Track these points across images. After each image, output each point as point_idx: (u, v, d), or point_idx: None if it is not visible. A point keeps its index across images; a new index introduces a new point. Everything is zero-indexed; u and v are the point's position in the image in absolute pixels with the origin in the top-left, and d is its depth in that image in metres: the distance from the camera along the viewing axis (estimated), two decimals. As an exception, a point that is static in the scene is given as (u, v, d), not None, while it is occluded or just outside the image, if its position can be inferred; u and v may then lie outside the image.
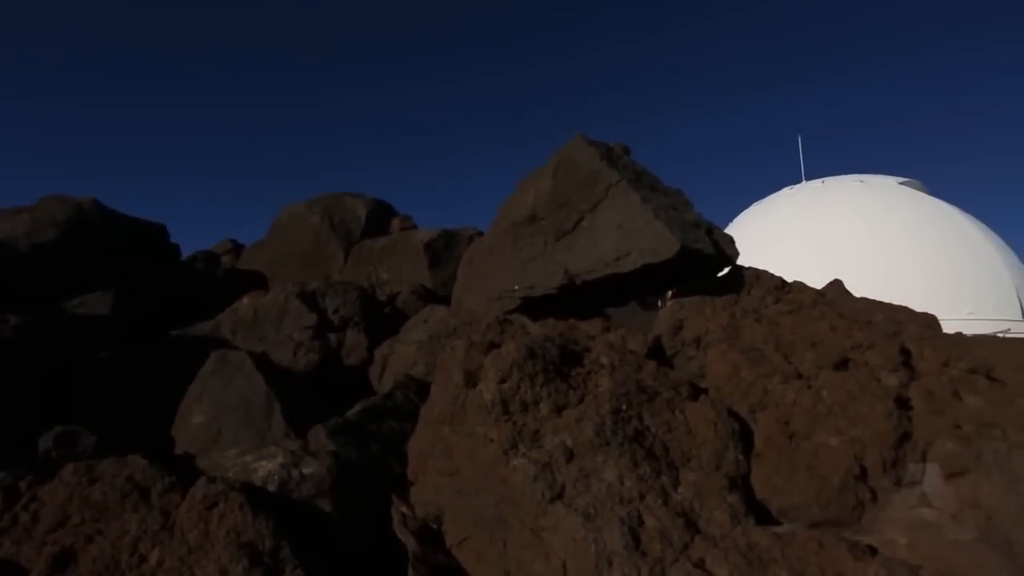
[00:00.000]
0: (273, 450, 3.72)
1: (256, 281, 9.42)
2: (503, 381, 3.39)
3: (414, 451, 4.05)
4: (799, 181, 28.71)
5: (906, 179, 26.58)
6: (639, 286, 5.02)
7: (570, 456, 3.17)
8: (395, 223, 9.75)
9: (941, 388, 4.34)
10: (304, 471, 3.63)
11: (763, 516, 3.32)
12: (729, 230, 29.25)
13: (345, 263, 9.50)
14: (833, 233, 22.50)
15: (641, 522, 2.94)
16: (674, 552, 2.82)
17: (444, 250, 8.53)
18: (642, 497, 3.04)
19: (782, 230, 24.22)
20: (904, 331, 5.13)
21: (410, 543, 3.66)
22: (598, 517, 2.91)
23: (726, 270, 5.21)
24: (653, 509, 3.00)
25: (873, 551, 3.05)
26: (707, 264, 4.95)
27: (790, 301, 4.88)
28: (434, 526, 3.75)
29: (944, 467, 3.51)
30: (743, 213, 28.85)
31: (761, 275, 5.12)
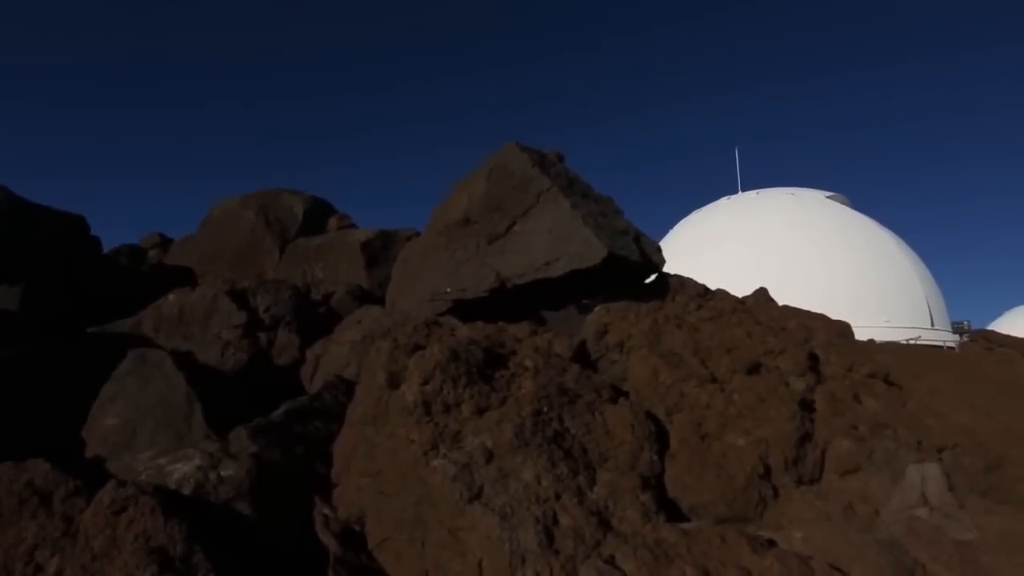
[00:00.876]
0: (190, 452, 3.63)
1: (184, 277, 9.09)
2: (426, 383, 3.42)
3: (339, 452, 4.03)
4: (736, 191, 29.89)
5: (832, 193, 28.06)
6: (568, 291, 5.14)
7: (490, 457, 3.23)
8: (332, 222, 9.61)
9: (843, 391, 4.64)
10: (222, 473, 3.56)
11: (674, 513, 3.47)
12: (669, 236, 30.18)
13: (280, 261, 9.29)
14: (764, 243, 23.53)
15: (556, 521, 3.02)
16: (586, 549, 2.92)
17: (382, 250, 8.47)
18: (558, 497, 3.13)
19: (718, 238, 25.16)
20: (814, 338, 5.44)
21: (332, 545, 3.64)
22: (514, 516, 2.98)
23: (652, 277, 5.40)
24: (568, 508, 3.10)
25: (772, 544, 3.24)
26: (634, 271, 5.12)
27: (711, 308, 5.10)
28: (357, 528, 3.73)
29: (839, 465, 3.77)
30: (683, 220, 29.81)
31: (685, 282, 5.34)
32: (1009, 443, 4.83)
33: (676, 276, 5.44)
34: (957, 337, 23.54)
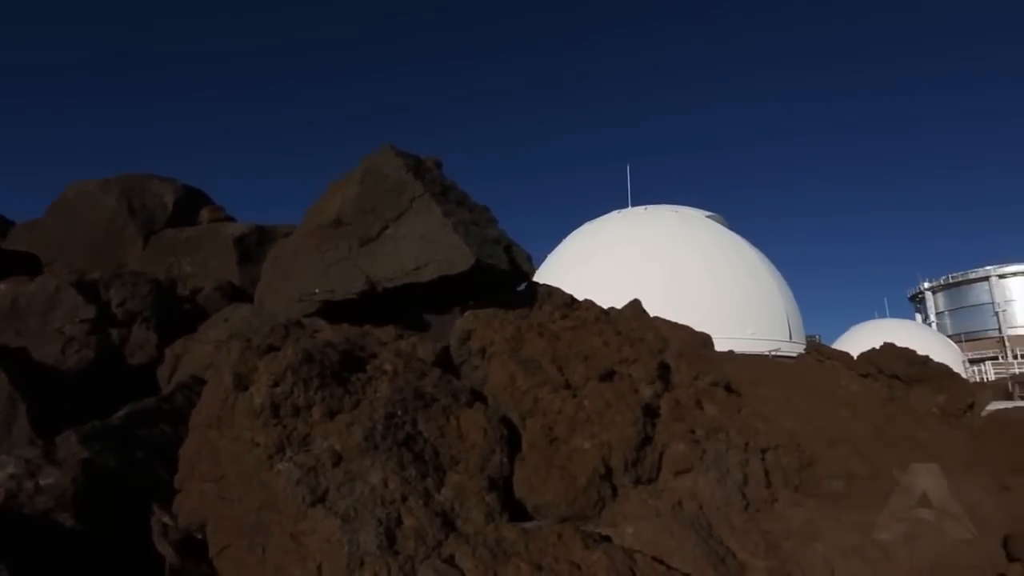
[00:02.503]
0: (3, 459, 3.32)
1: (27, 265, 8.22)
2: (276, 385, 3.36)
3: (183, 457, 3.84)
4: (626, 206, 31.39)
5: (711, 213, 30.21)
6: (438, 297, 5.21)
7: (338, 460, 3.23)
8: (204, 213, 9.07)
9: (687, 398, 5.05)
10: (41, 482, 3.29)
11: (520, 514, 3.64)
12: (562, 246, 31.07)
13: (143, 253, 8.65)
14: (650, 256, 24.88)
15: (400, 522, 3.07)
16: (426, 550, 2.99)
17: (257, 246, 8.12)
18: (404, 499, 3.18)
19: (607, 250, 26.31)
20: (669, 348, 5.88)
21: (169, 555, 3.47)
22: (357, 519, 3.00)
23: (523, 286, 5.60)
24: (414, 510, 3.16)
25: (606, 540, 3.48)
26: (503, 279, 5.29)
27: (575, 318, 5.37)
28: (199, 536, 3.58)
29: (674, 466, 4.11)
30: (576, 231, 30.90)
31: (553, 292, 5.58)
32: (822, 444, 5.47)
33: (545, 286, 5.67)
34: (810, 349, 26.01)
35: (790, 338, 26.65)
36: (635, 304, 9.30)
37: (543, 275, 28.85)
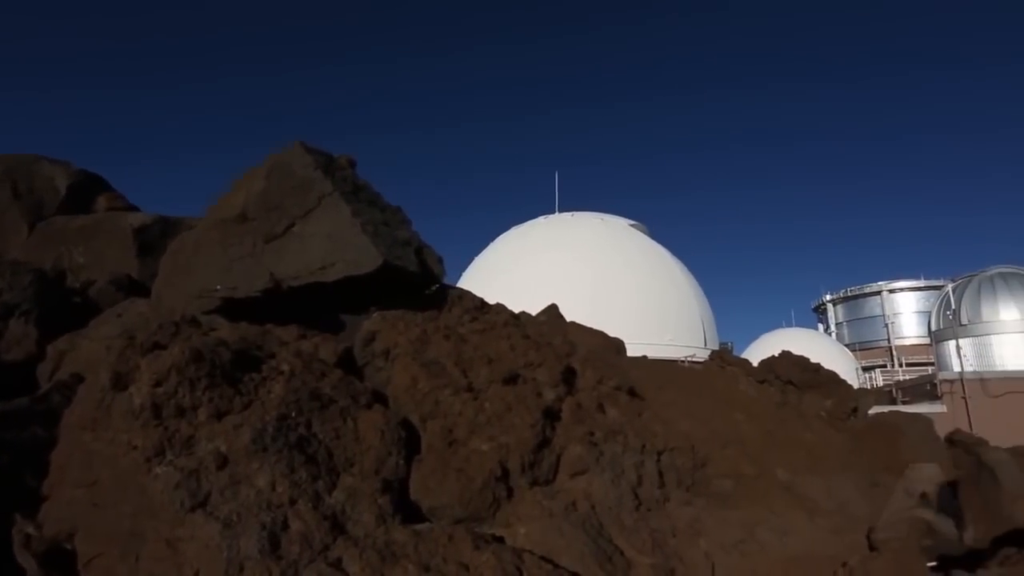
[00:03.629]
0: None
1: None
2: (158, 384, 3.21)
3: (55, 462, 3.60)
4: (554, 211, 31.92)
5: (635, 222, 31.23)
6: (346, 297, 5.13)
7: (223, 462, 3.12)
8: (101, 201, 8.52)
9: (589, 401, 5.21)
10: None
11: (415, 516, 3.64)
12: (489, 249, 31.18)
13: (29, 241, 8.02)
14: (573, 262, 25.42)
15: (286, 526, 3.01)
16: (312, 553, 2.94)
17: (160, 238, 7.68)
18: (292, 502, 3.12)
19: (533, 254, 26.68)
20: (576, 353, 6.03)
21: (31, 567, 3.24)
22: (239, 524, 2.91)
23: (434, 288, 5.60)
24: (302, 513, 3.10)
25: (498, 540, 3.54)
26: (413, 281, 5.27)
27: (485, 321, 5.42)
28: (67, 546, 3.37)
29: (571, 467, 4.23)
30: (503, 235, 31.15)
31: (464, 295, 5.61)
32: (716, 446, 5.77)
33: (456, 289, 5.69)
34: (722, 356, 27.32)
35: (705, 344, 27.88)
36: (552, 309, 9.47)
37: (469, 278, 28.95)
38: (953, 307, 23.04)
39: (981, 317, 22.27)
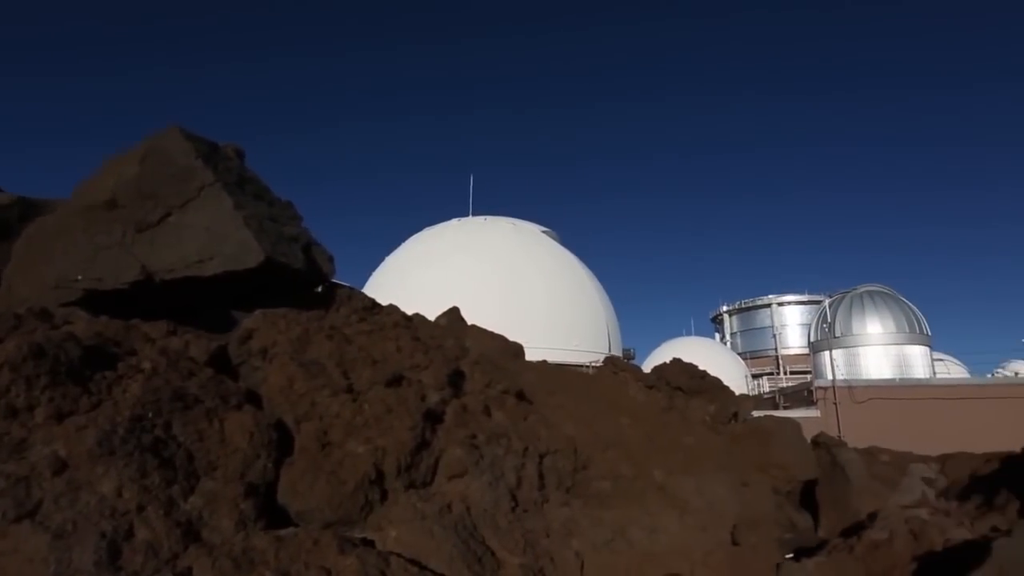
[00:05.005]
0: None
1: None
2: (-12, 383, 2.93)
3: None
4: (467, 215, 31.92)
5: (546, 229, 31.81)
6: (226, 293, 4.91)
7: (61, 468, 2.89)
8: (-46, 179, 7.65)
9: (476, 404, 5.25)
10: None
11: (283, 521, 3.52)
12: (400, 250, 30.73)
13: None
14: (482, 266, 25.53)
15: (130, 535, 2.83)
16: (158, 563, 2.78)
17: (17, 221, 7.01)
18: (141, 509, 2.94)
19: (443, 257, 26.57)
20: (467, 356, 6.07)
21: None
22: (74, 534, 2.70)
23: (322, 287, 5.46)
24: (151, 521, 2.92)
25: (368, 544, 3.49)
26: (299, 279, 5.12)
27: (373, 322, 5.35)
28: None
29: (449, 470, 4.24)
30: (415, 236, 30.81)
31: (354, 295, 5.50)
32: (598, 448, 5.98)
33: (346, 288, 5.58)
34: (626, 362, 28.37)
35: (609, 350, 28.78)
36: (453, 312, 9.47)
37: (379, 278, 28.42)
38: (829, 320, 25.18)
39: (851, 330, 24.49)
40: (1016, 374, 27.69)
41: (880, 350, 24.09)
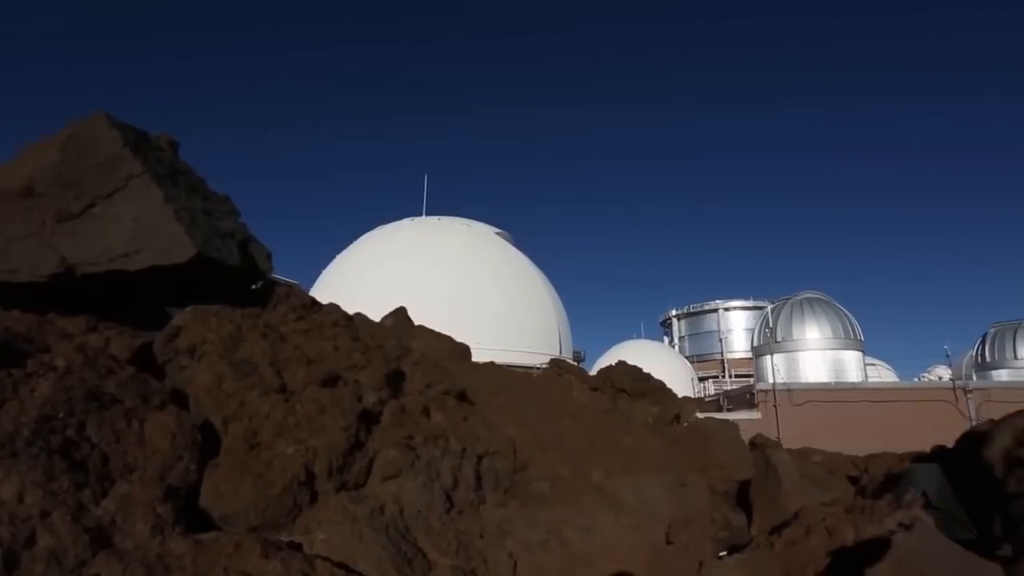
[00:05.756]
0: None
1: None
2: None
3: None
4: (421, 214, 31.67)
5: (500, 230, 31.87)
6: (154, 288, 4.71)
7: (-43, 472, 2.72)
8: None
9: (415, 405, 5.20)
10: None
11: (205, 524, 3.41)
12: (352, 248, 30.24)
13: None
14: (435, 265, 25.39)
15: (31, 543, 2.68)
16: (62, 571, 2.65)
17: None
18: (45, 515, 2.79)
19: (396, 256, 26.28)
20: (408, 356, 6.01)
21: None
22: (-32, 541, 2.54)
23: (259, 284, 5.31)
24: (56, 527, 2.78)
25: (295, 547, 3.41)
26: (234, 275, 4.97)
27: (311, 321, 5.23)
28: None
29: (383, 471, 4.19)
30: (367, 234, 30.38)
31: (292, 293, 5.38)
32: (538, 449, 6.01)
33: (285, 286, 5.45)
34: (575, 363, 28.70)
35: (560, 352, 29.03)
36: (400, 312, 9.37)
37: (330, 276, 27.93)
38: (771, 326, 26.09)
39: (791, 335, 25.46)
40: (940, 378, 29.31)
41: (817, 355, 25.10)
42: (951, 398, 21.08)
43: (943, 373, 31.29)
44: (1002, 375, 25.92)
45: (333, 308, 5.67)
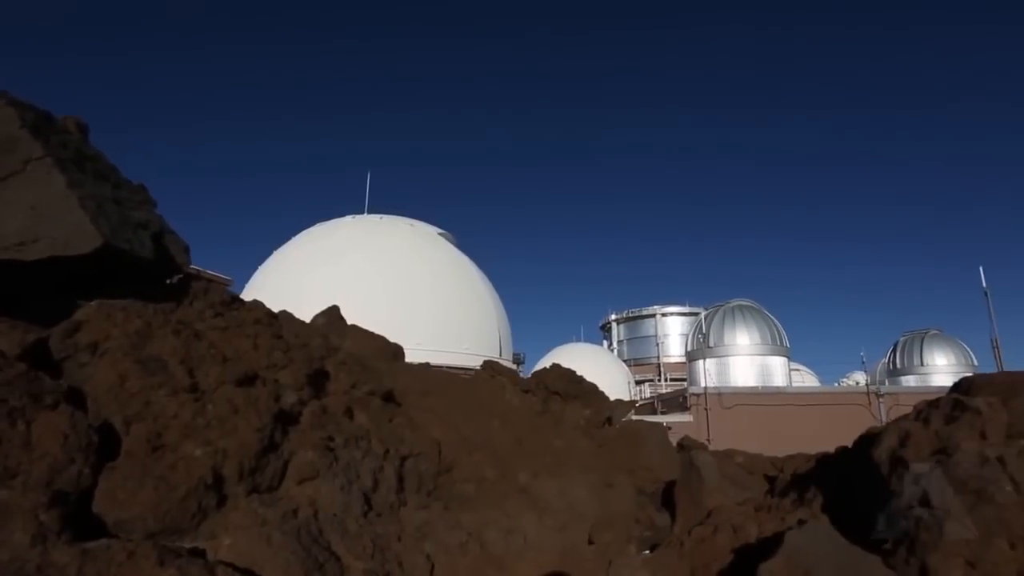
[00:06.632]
0: None
1: None
2: None
3: None
4: (363, 212, 31.05)
5: (443, 231, 31.62)
6: (57, 281, 4.43)
7: None
8: None
9: (337, 406, 5.09)
10: None
11: (97, 531, 3.22)
12: (290, 245, 29.35)
13: None
14: (375, 264, 24.95)
15: None
16: (-74, 584, 2.44)
17: None
18: (-90, 522, 2.56)
19: (335, 254, 25.68)
20: (334, 356, 5.88)
21: None
22: None
23: (175, 279, 5.08)
24: (-78, 535, 2.56)
25: (198, 554, 3.27)
26: (148, 269, 4.73)
27: (231, 318, 5.04)
28: None
29: (299, 473, 4.07)
30: (306, 231, 29.56)
31: (211, 289, 5.16)
32: (464, 451, 5.99)
33: (203, 282, 5.22)
34: (514, 365, 28.82)
35: (500, 355, 29.07)
36: (332, 310, 9.16)
37: (265, 273, 27.00)
38: (704, 332, 26.99)
39: (723, 341, 26.42)
40: (857, 383, 31.05)
41: (747, 360, 26.12)
42: (865, 402, 22.34)
43: (860, 379, 33.15)
44: (910, 380, 27.68)
45: (256, 305, 5.47)
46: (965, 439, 2.77)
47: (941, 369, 27.30)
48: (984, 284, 22.80)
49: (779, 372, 26.77)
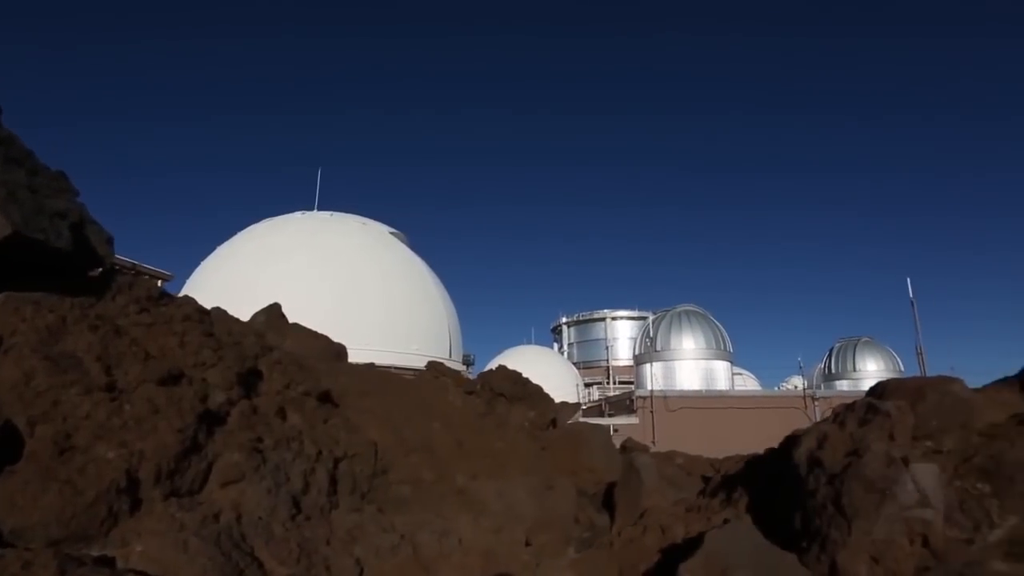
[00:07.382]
0: None
1: None
2: None
3: None
4: (312, 208, 30.35)
5: (395, 230, 31.23)
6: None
7: None
8: None
9: (269, 406, 4.94)
10: None
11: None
12: (233, 241, 28.41)
13: None
14: (323, 262, 24.43)
15: None
16: None
17: None
18: None
19: (282, 250, 25.00)
20: (267, 355, 5.70)
21: None
22: None
23: (97, 272, 4.83)
24: None
25: (107, 562, 3.10)
26: (66, 261, 4.47)
27: (158, 314, 4.83)
28: None
29: (223, 476, 3.92)
30: (253, 226, 28.69)
31: (136, 283, 4.94)
32: (401, 453, 5.90)
33: (129, 276, 4.99)
34: (465, 367, 28.69)
35: (450, 356, 28.88)
36: (273, 308, 8.91)
37: (207, 268, 26.09)
38: (651, 336, 27.53)
39: (669, 345, 27.02)
40: (795, 387, 32.26)
41: (692, 364, 26.76)
42: (802, 405, 23.21)
43: (798, 383, 34.46)
44: (843, 385, 28.94)
45: (186, 302, 5.26)
46: (875, 440, 2.89)
47: (871, 374, 28.64)
48: (911, 294, 24.02)
49: (722, 376, 27.53)
